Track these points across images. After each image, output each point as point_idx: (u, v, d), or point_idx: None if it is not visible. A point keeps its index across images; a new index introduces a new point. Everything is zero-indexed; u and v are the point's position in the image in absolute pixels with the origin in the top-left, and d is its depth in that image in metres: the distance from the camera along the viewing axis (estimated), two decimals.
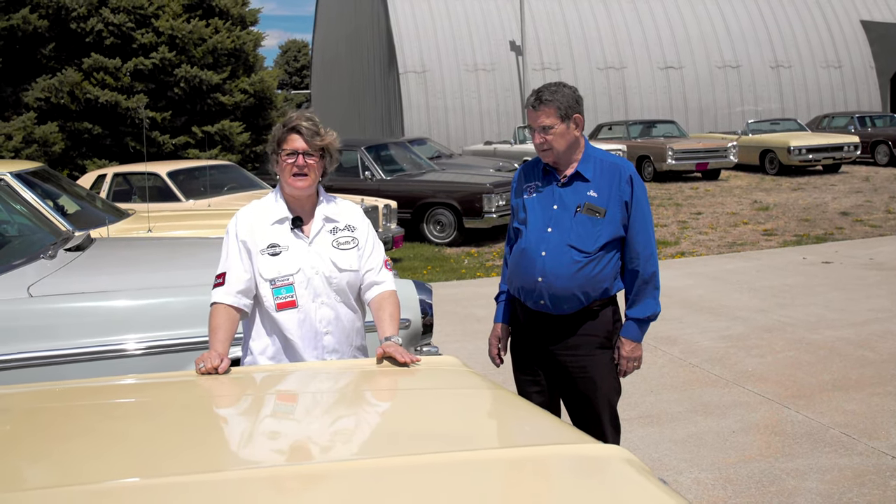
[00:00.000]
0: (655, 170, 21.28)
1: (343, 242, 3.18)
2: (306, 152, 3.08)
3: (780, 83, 29.91)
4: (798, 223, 13.82)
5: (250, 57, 20.26)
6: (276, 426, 2.33)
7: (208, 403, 2.64)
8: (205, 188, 11.05)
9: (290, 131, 3.11)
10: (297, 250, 3.12)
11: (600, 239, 3.44)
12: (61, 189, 8.66)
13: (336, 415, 2.43)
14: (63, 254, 4.40)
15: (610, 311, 3.60)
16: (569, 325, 3.53)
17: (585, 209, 3.44)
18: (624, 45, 29.04)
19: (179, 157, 18.13)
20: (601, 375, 3.59)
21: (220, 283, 3.12)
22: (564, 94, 3.46)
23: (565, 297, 3.45)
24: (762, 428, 5.18)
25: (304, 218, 3.18)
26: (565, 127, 3.44)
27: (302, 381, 2.78)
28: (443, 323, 7.26)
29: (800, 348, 6.79)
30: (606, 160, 3.54)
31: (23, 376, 3.59)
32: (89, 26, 17.95)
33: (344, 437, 2.23)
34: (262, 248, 3.11)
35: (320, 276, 3.10)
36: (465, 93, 27.91)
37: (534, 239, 3.49)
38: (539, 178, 3.58)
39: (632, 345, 3.60)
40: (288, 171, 3.10)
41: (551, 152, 3.47)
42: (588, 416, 3.64)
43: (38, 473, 1.89)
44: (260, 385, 2.80)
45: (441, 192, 13.22)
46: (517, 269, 3.58)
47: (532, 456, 1.97)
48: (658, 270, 3.59)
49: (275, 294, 3.08)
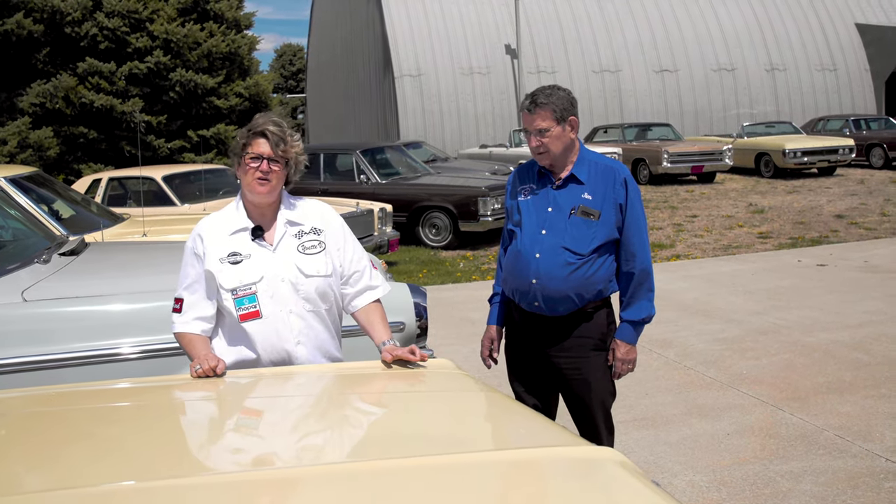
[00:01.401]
0: (651, 173, 21.32)
1: (309, 246, 3.03)
2: (271, 158, 2.95)
3: (775, 86, 29.99)
4: (793, 226, 13.85)
5: (245, 61, 20.30)
6: (272, 429, 2.33)
7: (205, 406, 2.64)
8: (200, 192, 11.06)
9: (257, 135, 2.97)
10: (259, 258, 2.97)
11: (594, 241, 3.45)
12: (56, 194, 8.66)
13: (331, 418, 2.44)
14: (57, 258, 4.40)
15: (604, 313, 3.61)
16: (563, 326, 3.54)
17: (580, 211, 3.45)
18: (619, 48, 29.11)
19: (175, 161, 18.15)
20: (595, 377, 3.60)
21: (178, 309, 3.01)
22: (559, 96, 3.47)
23: (559, 298, 3.46)
24: (757, 430, 5.19)
25: (265, 226, 3.03)
26: (561, 129, 3.45)
27: (298, 383, 2.78)
28: (438, 326, 7.26)
29: (794, 351, 6.80)
30: (601, 163, 3.55)
31: (18, 381, 3.59)
32: (84, 31, 17.97)
33: (339, 439, 2.23)
34: (223, 256, 2.97)
35: (286, 283, 2.96)
36: (460, 96, 27.95)
37: (528, 241, 3.50)
38: (534, 181, 3.58)
39: (626, 347, 3.60)
40: (251, 176, 2.95)
41: (547, 155, 3.47)
42: (582, 418, 3.67)
43: (34, 477, 1.89)
44: (255, 388, 2.80)
45: (436, 195, 13.23)
46: (512, 271, 3.59)
47: (525, 458, 1.98)
48: (652, 273, 3.60)
49: (237, 304, 2.93)
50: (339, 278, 3.09)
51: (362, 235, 10.67)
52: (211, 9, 19.54)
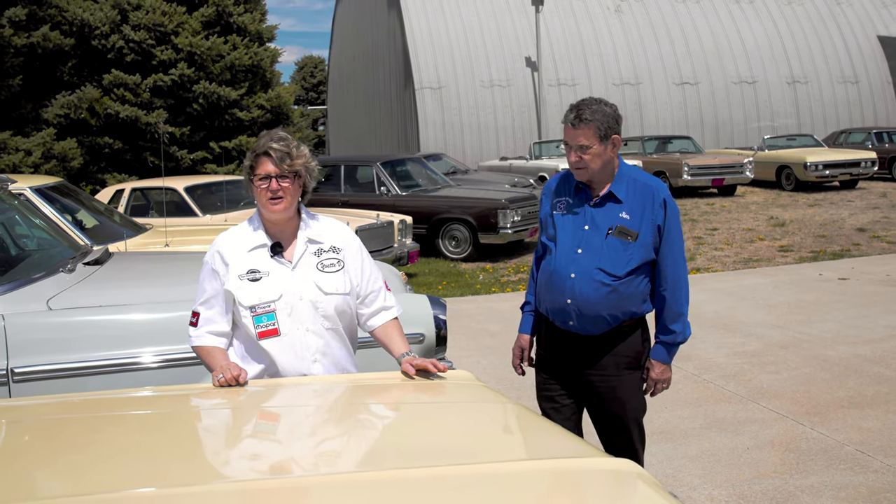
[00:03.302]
0: (671, 185, 21.21)
1: (328, 265, 3.04)
2: (279, 175, 2.94)
3: (797, 99, 29.86)
4: (814, 239, 13.76)
5: (267, 73, 20.45)
6: (292, 438, 2.35)
7: (226, 415, 2.66)
8: (221, 203, 11.13)
9: (260, 156, 2.97)
10: (278, 275, 2.98)
11: (631, 263, 3.41)
12: (80, 204, 8.75)
13: (350, 427, 2.46)
14: (81, 267, 4.45)
15: (639, 332, 3.58)
16: (598, 345, 3.51)
17: (617, 232, 3.40)
18: (639, 61, 29.08)
19: (197, 172, 18.29)
20: (630, 395, 3.58)
21: (194, 322, 3.04)
22: (605, 112, 3.38)
23: (594, 319, 3.43)
24: (777, 444, 5.16)
25: (284, 242, 3.04)
26: (603, 147, 3.37)
27: (318, 393, 2.79)
28: (457, 338, 7.27)
29: (815, 365, 6.76)
30: (640, 180, 3.49)
31: (41, 388, 3.63)
32: (110, 43, 18.19)
33: (358, 449, 2.25)
34: (242, 273, 2.98)
35: (305, 301, 2.97)
36: (480, 108, 28.00)
37: (563, 260, 3.46)
38: (571, 195, 3.52)
39: (661, 367, 3.59)
40: (263, 196, 2.96)
41: (585, 171, 3.41)
42: (618, 435, 3.64)
43: (56, 483, 1.92)
44: (276, 397, 2.82)
45: (456, 207, 13.25)
46: (546, 289, 3.56)
47: (542, 469, 1.99)
48: (688, 294, 3.55)
49: (255, 322, 2.94)
50: (356, 297, 3.11)
51: (382, 247, 10.70)
52: (234, 22, 19.71)
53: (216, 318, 3.03)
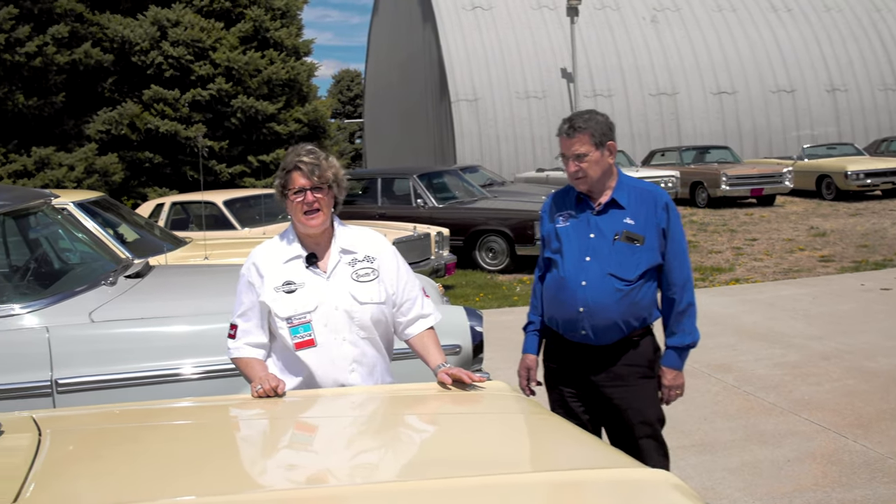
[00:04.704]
0: (709, 196, 21.09)
1: (363, 274, 3.05)
2: (313, 187, 2.98)
3: (837, 107, 29.50)
4: (856, 249, 13.58)
5: (304, 87, 20.62)
6: (329, 447, 2.37)
7: (264, 425, 2.69)
8: (260, 216, 11.23)
9: (292, 171, 3.00)
10: (314, 286, 3.00)
11: (640, 266, 3.42)
12: (121, 218, 8.87)
13: (386, 437, 2.47)
14: (123, 280, 4.52)
15: (649, 340, 3.57)
16: (610, 355, 3.49)
17: (624, 237, 3.41)
18: (676, 71, 28.92)
19: (235, 186, 18.48)
20: (646, 405, 3.55)
21: (232, 335, 3.08)
22: (598, 121, 3.44)
23: (607, 326, 3.42)
24: (818, 457, 5.09)
25: (318, 253, 3.06)
26: (599, 154, 3.41)
27: (355, 403, 2.81)
28: (494, 349, 7.25)
29: (857, 376, 6.67)
30: (640, 187, 3.52)
31: (84, 399, 3.69)
32: (150, 59, 18.46)
33: (394, 459, 2.26)
34: (277, 285, 3.01)
35: (340, 311, 2.98)
36: (516, 120, 27.99)
37: (572, 269, 3.45)
38: (572, 207, 3.54)
39: (673, 373, 3.56)
40: (299, 210, 2.99)
41: (585, 180, 3.44)
42: (634, 447, 3.56)
43: (97, 492, 1.95)
44: (314, 408, 2.84)
45: (493, 219, 13.25)
46: (555, 301, 3.54)
47: (578, 480, 1.99)
48: (694, 298, 3.55)
49: (292, 333, 2.96)
50: (392, 306, 3.12)
51: (419, 259, 10.73)
52: (271, 37, 19.91)
53: (253, 329, 3.06)
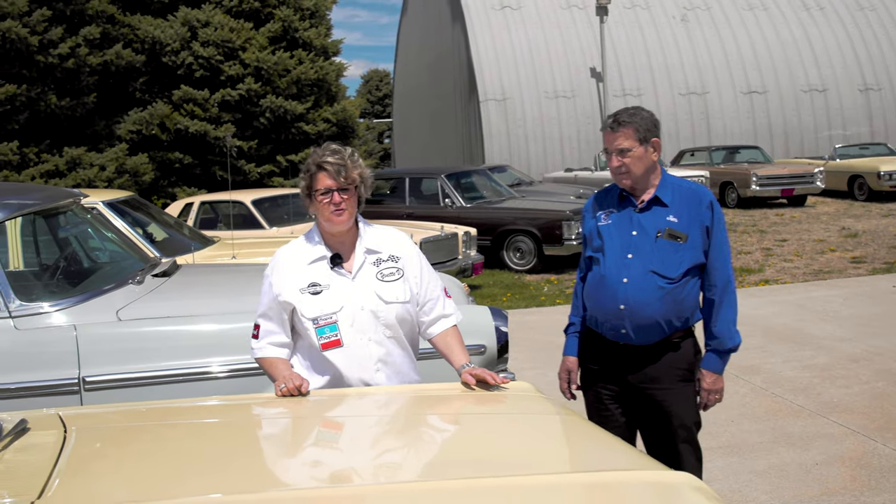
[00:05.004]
0: (739, 196, 20.92)
1: (388, 274, 3.07)
2: (340, 188, 2.99)
3: (870, 106, 29.16)
4: (888, 250, 13.42)
5: (333, 87, 20.69)
6: (353, 447, 2.38)
7: (288, 424, 2.70)
8: (288, 216, 11.29)
9: (318, 171, 3.02)
10: (339, 287, 3.02)
11: (683, 264, 3.36)
12: (150, 217, 8.96)
13: (410, 437, 2.47)
14: (151, 279, 4.55)
15: (690, 343, 3.51)
16: (650, 356, 3.44)
17: (667, 234, 3.36)
18: (706, 70, 28.73)
19: (264, 186, 18.57)
20: (684, 409, 3.49)
21: (256, 335, 3.10)
22: (643, 116, 3.40)
23: (648, 325, 3.37)
24: (847, 461, 5.04)
25: (343, 254, 3.08)
26: (643, 150, 3.37)
27: (379, 403, 2.82)
28: (521, 350, 7.25)
29: (888, 379, 6.59)
30: (685, 186, 3.48)
31: (111, 397, 3.73)
32: (180, 60, 18.61)
33: (417, 458, 2.27)
34: (303, 286, 3.02)
35: (366, 311, 3.00)
36: (545, 120, 27.93)
37: (613, 266, 3.42)
38: (615, 205, 3.50)
39: (713, 377, 3.49)
40: (326, 210, 3.00)
41: (628, 176, 3.39)
42: (671, 450, 3.52)
43: (123, 490, 1.97)
44: (338, 407, 2.85)
45: (521, 219, 13.23)
46: (595, 298, 3.51)
47: (601, 481, 1.98)
48: (736, 300, 3.49)
49: (318, 334, 2.98)
50: (416, 305, 3.13)
51: (446, 259, 10.74)
52: (300, 37, 19.99)
53: (276, 329, 3.08)
